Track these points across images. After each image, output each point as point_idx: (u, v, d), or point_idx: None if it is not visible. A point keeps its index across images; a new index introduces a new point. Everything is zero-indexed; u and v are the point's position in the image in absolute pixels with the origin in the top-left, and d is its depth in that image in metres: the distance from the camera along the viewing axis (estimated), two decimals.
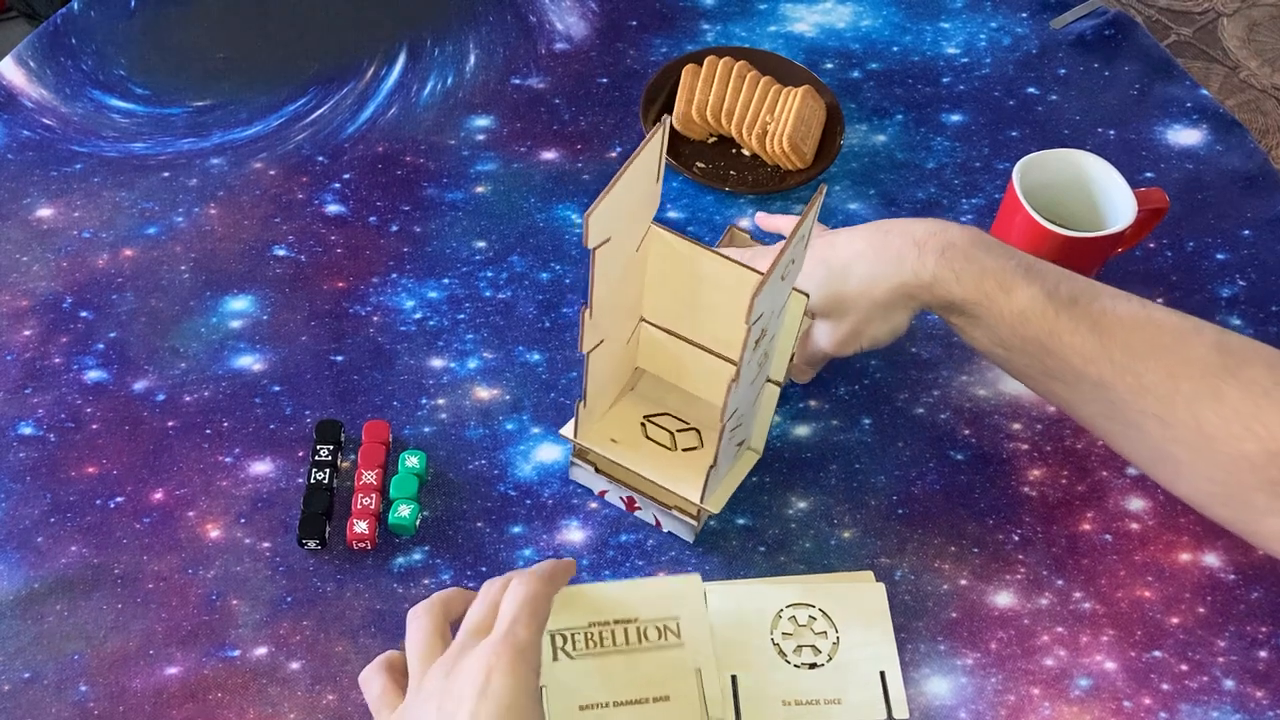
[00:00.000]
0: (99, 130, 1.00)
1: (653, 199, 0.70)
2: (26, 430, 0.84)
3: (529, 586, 0.64)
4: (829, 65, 1.08)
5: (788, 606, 0.77)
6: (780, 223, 0.90)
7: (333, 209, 0.96)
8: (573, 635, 0.66)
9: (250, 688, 0.74)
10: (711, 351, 0.77)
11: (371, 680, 0.65)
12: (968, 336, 0.73)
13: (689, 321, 0.77)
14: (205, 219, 0.95)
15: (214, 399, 0.86)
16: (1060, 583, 0.80)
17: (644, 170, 0.66)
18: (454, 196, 0.98)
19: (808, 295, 0.71)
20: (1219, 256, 0.97)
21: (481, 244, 0.95)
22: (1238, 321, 0.93)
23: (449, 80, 1.06)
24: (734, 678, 0.74)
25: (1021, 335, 0.69)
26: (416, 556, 0.80)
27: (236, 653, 0.75)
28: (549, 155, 1.01)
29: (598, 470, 0.81)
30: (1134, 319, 0.67)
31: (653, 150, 0.66)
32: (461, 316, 0.91)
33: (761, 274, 0.61)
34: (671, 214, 0.97)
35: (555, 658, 0.66)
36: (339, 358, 0.88)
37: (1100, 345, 0.67)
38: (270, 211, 0.96)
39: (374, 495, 0.80)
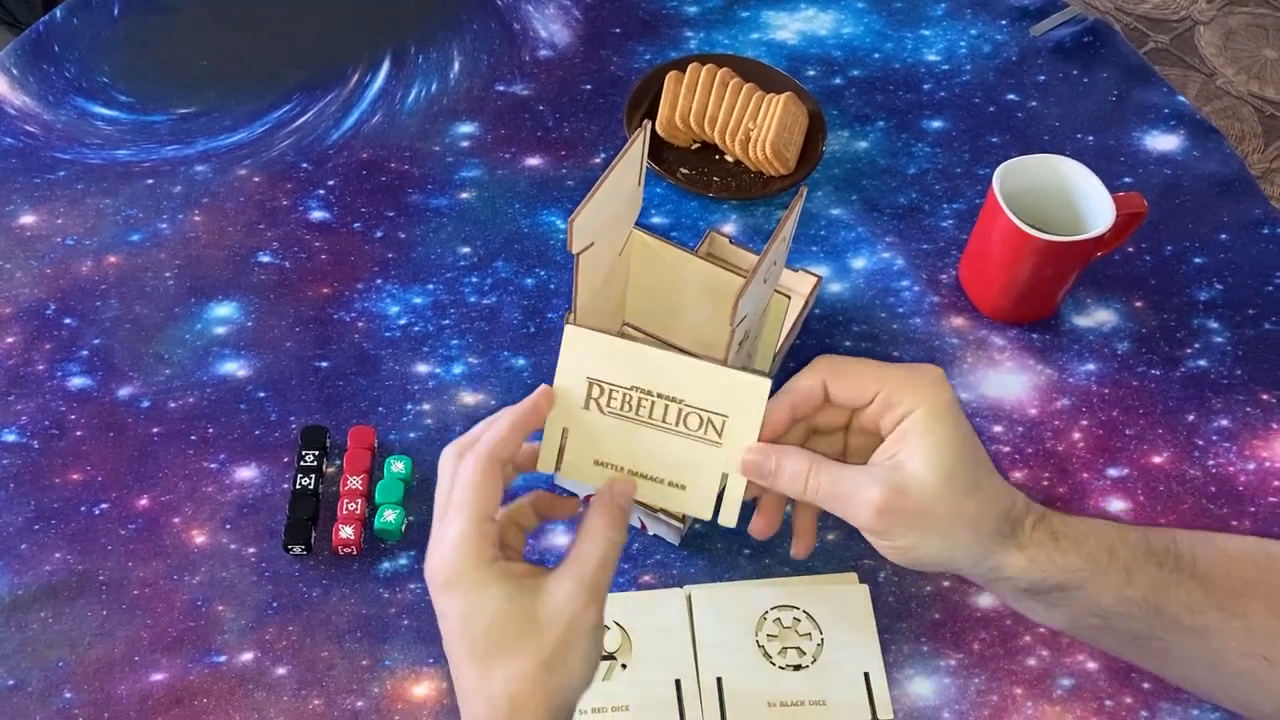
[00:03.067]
0: (82, 137, 1.00)
1: (635, 203, 0.71)
2: (10, 437, 0.83)
3: (466, 474, 0.61)
4: (811, 72, 1.09)
5: (772, 609, 0.78)
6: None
7: (317, 215, 0.97)
8: (611, 390, 0.61)
9: (236, 693, 0.74)
10: (692, 354, 0.78)
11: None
12: (1045, 615, 0.64)
13: (670, 324, 0.78)
14: (189, 226, 0.95)
15: (199, 405, 0.86)
16: None
17: (626, 175, 0.67)
18: (439, 203, 0.98)
19: (789, 297, 0.72)
20: (1197, 260, 0.98)
21: (466, 250, 0.95)
22: (1215, 324, 0.94)
23: (433, 87, 1.06)
24: (719, 680, 0.75)
25: (1127, 598, 0.61)
26: (402, 561, 0.80)
27: (222, 658, 0.75)
28: (533, 161, 1.01)
29: None
30: (1225, 557, 0.63)
31: (634, 155, 0.67)
32: (446, 322, 0.91)
33: (744, 277, 0.61)
34: (655, 219, 0.98)
35: (586, 406, 0.62)
36: (324, 363, 0.88)
37: (1206, 593, 0.61)
38: (255, 218, 0.96)
39: (359, 500, 0.80)
